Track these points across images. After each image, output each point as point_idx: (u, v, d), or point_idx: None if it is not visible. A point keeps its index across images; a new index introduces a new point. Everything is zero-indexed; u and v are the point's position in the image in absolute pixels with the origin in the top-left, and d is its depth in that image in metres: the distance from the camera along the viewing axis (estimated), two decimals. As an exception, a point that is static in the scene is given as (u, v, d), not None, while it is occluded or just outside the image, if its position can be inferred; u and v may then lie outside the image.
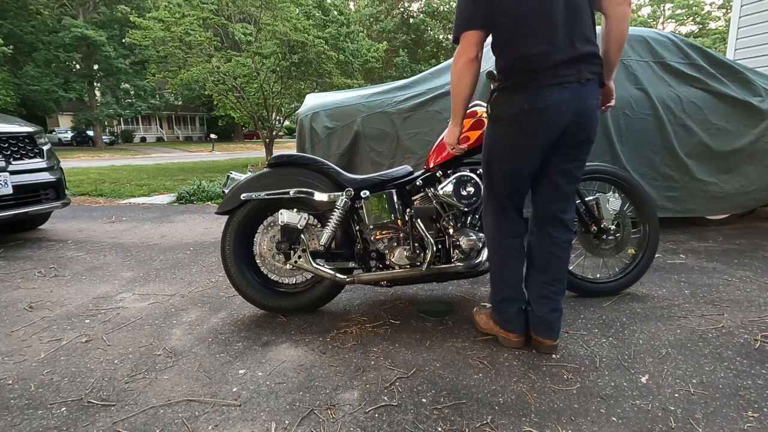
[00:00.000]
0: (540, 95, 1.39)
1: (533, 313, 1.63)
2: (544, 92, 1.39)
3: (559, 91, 1.38)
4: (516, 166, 1.53)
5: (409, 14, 25.09)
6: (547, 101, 1.39)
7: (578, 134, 1.46)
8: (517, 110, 1.43)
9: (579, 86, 1.40)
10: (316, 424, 1.27)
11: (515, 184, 1.57)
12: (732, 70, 3.18)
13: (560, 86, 1.38)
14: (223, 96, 11.34)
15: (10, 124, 3.51)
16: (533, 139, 1.45)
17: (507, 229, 1.64)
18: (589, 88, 1.43)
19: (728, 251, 2.82)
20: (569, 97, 1.39)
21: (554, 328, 1.60)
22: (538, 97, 1.39)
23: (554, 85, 1.38)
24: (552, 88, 1.38)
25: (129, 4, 21.62)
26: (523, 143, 1.48)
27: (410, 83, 3.60)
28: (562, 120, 1.41)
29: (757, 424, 1.23)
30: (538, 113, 1.40)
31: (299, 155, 2.03)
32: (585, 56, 1.40)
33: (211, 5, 10.53)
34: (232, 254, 2.00)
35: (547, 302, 1.60)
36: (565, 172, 1.53)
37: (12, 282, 2.60)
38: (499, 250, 1.66)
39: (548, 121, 1.41)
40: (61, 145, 27.09)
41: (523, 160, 1.51)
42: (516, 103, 1.43)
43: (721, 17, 31.02)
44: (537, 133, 1.44)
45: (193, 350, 1.73)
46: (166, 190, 6.81)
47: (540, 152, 1.49)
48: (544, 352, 1.63)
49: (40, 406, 1.39)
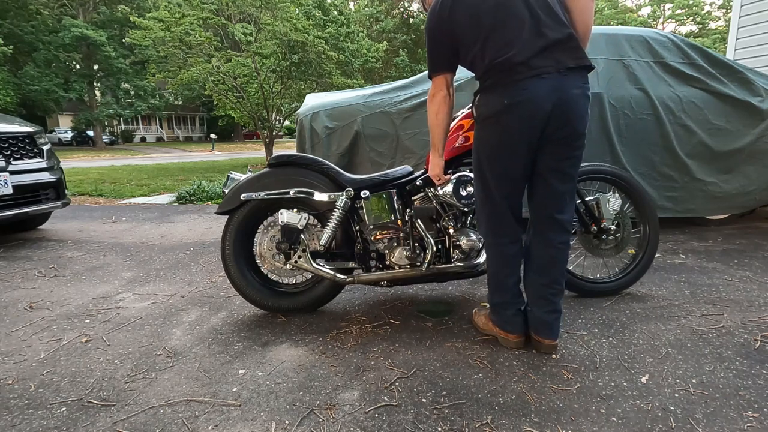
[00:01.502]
0: (516, 89, 1.40)
1: (532, 314, 1.63)
2: (520, 86, 1.39)
3: (536, 83, 1.38)
4: (504, 165, 1.52)
5: (409, 14, 25.10)
6: (525, 94, 1.39)
7: (564, 127, 1.43)
8: (498, 108, 1.44)
9: (558, 76, 1.38)
10: (316, 424, 1.27)
11: (507, 185, 1.55)
12: (732, 70, 3.18)
13: (537, 78, 1.38)
14: (223, 96, 11.34)
15: (10, 124, 3.51)
16: (516, 136, 1.45)
17: (502, 233, 1.62)
18: (572, 77, 1.41)
19: (728, 251, 2.82)
20: (548, 88, 1.38)
21: (554, 329, 1.60)
22: (515, 92, 1.40)
23: (530, 78, 1.38)
24: (528, 81, 1.38)
25: (129, 4, 21.63)
26: (507, 140, 1.47)
27: (410, 83, 3.60)
28: (542, 111, 1.39)
29: (757, 424, 1.23)
30: (516, 107, 1.41)
31: (299, 155, 2.03)
32: (559, 42, 1.39)
33: (211, 5, 10.53)
34: (232, 254, 2.00)
35: (546, 304, 1.59)
36: (556, 170, 1.50)
37: (12, 282, 2.60)
38: (496, 254, 1.65)
39: (528, 115, 1.40)
40: (61, 145, 27.09)
41: (510, 159, 1.50)
42: (495, 101, 1.45)
43: (721, 17, 31.00)
44: (519, 128, 1.43)
45: (193, 350, 1.73)
46: (166, 190, 6.81)
47: (527, 149, 1.47)
48: (544, 352, 1.63)
49: (40, 406, 1.39)
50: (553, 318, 1.59)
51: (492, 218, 1.62)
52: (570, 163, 1.51)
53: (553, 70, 1.38)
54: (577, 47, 1.42)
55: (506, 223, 1.61)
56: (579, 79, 1.43)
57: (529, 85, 1.38)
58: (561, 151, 1.48)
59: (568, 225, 1.58)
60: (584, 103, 1.45)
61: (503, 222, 1.61)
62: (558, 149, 1.48)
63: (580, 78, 1.43)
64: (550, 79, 1.38)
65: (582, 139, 1.49)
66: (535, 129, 1.43)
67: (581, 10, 1.45)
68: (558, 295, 1.60)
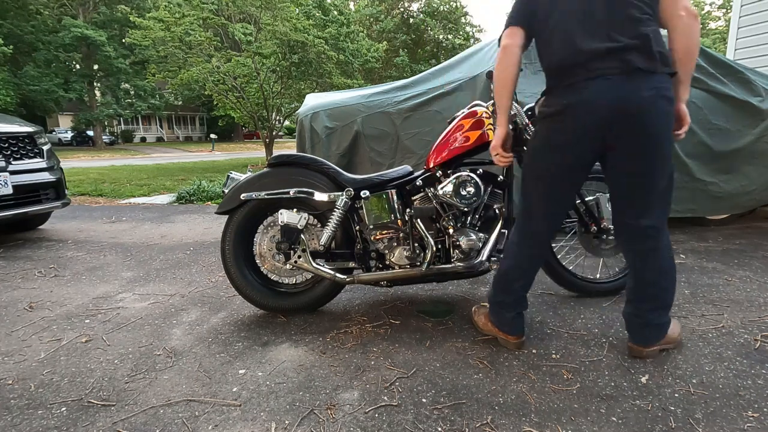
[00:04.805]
0: (575, 90, 1.37)
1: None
2: (579, 86, 1.36)
3: (597, 84, 1.33)
4: (548, 166, 1.49)
5: (409, 14, 25.11)
6: (583, 95, 1.35)
7: (631, 129, 1.34)
8: (556, 108, 1.42)
9: (624, 77, 1.31)
10: (316, 424, 1.27)
11: (548, 187, 1.51)
12: (732, 70, 3.18)
13: (600, 78, 1.32)
14: (223, 96, 11.35)
15: (10, 124, 3.51)
16: (570, 136, 1.41)
17: (530, 234, 1.60)
18: (642, 79, 1.31)
19: (728, 251, 2.82)
20: (608, 90, 1.32)
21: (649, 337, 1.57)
22: (573, 93, 1.37)
23: (591, 79, 1.33)
24: (589, 82, 1.34)
25: (129, 4, 21.58)
26: (561, 139, 1.43)
27: (410, 83, 3.60)
28: (601, 114, 1.34)
29: (757, 424, 1.23)
30: (573, 108, 1.38)
31: (299, 155, 2.03)
32: (627, 47, 1.30)
33: (211, 5, 10.52)
34: (232, 254, 2.00)
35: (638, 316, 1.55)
36: (628, 174, 1.42)
37: (12, 282, 2.60)
38: (515, 253, 1.63)
39: (585, 116, 1.36)
40: (61, 145, 27.09)
41: (561, 159, 1.45)
42: (555, 101, 1.44)
43: (721, 17, 31.01)
44: (575, 129, 1.40)
45: (193, 350, 1.73)
46: (166, 190, 6.81)
47: (581, 153, 1.43)
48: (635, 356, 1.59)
49: (40, 406, 1.39)
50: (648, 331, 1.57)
51: (525, 217, 1.60)
52: (644, 168, 1.40)
53: (618, 71, 1.31)
54: (651, 50, 1.31)
55: (537, 226, 1.58)
56: (653, 81, 1.32)
57: (589, 86, 1.34)
58: (632, 154, 1.39)
59: (648, 231, 1.47)
60: (661, 105, 1.33)
61: (534, 224, 1.58)
62: (628, 152, 1.39)
63: (656, 81, 1.32)
64: (612, 81, 1.32)
65: (657, 141, 1.37)
66: (592, 132, 1.38)
67: (683, 31, 1.35)
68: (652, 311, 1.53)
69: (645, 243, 1.49)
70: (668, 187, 1.45)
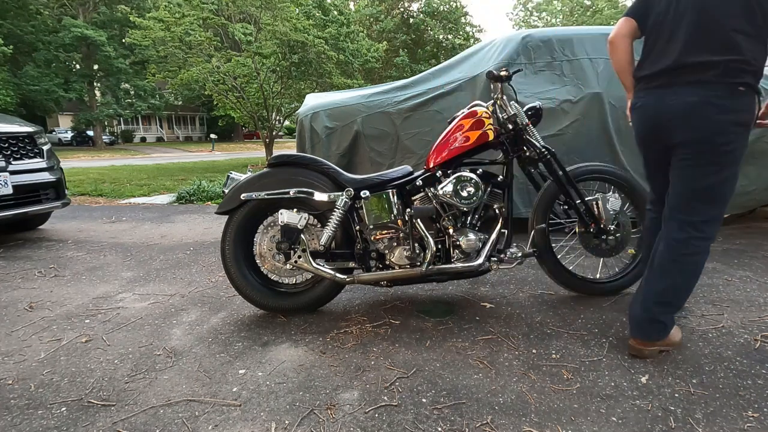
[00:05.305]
0: (636, 97, 1.61)
1: None
2: (639, 94, 1.60)
3: (645, 95, 1.56)
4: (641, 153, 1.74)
5: (409, 14, 25.12)
6: (638, 102, 1.60)
7: (677, 134, 1.48)
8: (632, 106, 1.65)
9: (665, 90, 1.48)
10: (316, 424, 1.27)
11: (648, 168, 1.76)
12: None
13: (656, 89, 1.52)
14: (223, 96, 11.36)
15: (10, 124, 3.51)
16: (638, 136, 1.67)
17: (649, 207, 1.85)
18: (692, 87, 1.41)
19: (728, 251, 2.82)
20: (652, 102, 1.53)
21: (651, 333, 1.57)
22: (635, 98, 1.62)
23: (646, 89, 1.55)
24: (645, 91, 1.56)
25: (129, 4, 21.56)
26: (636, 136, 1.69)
27: (410, 83, 3.60)
28: (647, 122, 1.57)
29: (757, 424, 1.23)
30: (632, 112, 1.64)
31: (299, 155, 2.03)
32: (692, 66, 1.41)
33: (211, 5, 10.53)
34: (232, 254, 1.99)
35: (647, 310, 1.55)
36: (675, 169, 1.54)
37: (12, 282, 2.60)
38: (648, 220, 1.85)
39: (638, 121, 1.61)
40: (61, 145, 27.07)
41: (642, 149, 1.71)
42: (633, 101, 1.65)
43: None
44: (637, 130, 1.65)
45: (193, 350, 1.73)
46: (166, 190, 6.81)
47: (647, 149, 1.67)
48: (635, 356, 1.59)
49: (40, 406, 1.39)
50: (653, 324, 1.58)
51: None
52: (685, 165, 1.49)
53: (666, 85, 1.49)
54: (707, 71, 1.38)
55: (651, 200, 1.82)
56: (700, 88, 1.41)
57: (642, 95, 1.57)
58: (680, 154, 1.50)
59: (680, 225, 1.51)
60: (703, 111, 1.40)
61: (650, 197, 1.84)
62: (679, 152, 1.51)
63: (705, 87, 1.40)
64: (655, 94, 1.52)
65: (699, 145, 1.44)
66: (647, 133, 1.61)
67: None
68: (664, 306, 1.55)
69: (673, 234, 1.53)
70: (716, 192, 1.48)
